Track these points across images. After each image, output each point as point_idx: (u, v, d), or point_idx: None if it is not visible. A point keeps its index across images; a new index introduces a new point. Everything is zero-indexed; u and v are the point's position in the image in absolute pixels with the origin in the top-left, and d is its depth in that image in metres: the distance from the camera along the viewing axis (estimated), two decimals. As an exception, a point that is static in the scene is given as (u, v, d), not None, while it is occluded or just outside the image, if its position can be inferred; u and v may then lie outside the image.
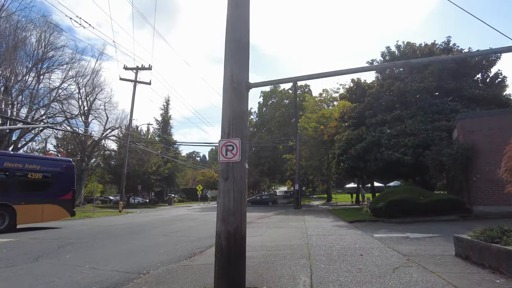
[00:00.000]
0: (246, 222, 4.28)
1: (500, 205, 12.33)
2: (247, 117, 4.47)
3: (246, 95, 4.51)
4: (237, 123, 4.27)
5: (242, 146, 4.20)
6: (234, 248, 4.00)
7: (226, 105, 4.37)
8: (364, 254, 6.54)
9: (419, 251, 6.75)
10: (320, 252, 6.98)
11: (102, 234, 11.87)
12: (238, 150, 4.15)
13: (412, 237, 8.82)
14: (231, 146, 4.18)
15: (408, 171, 20.23)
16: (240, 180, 4.16)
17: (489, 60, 19.86)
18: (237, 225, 4.04)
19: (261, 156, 49.76)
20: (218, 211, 4.18)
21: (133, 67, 34.98)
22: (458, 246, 5.96)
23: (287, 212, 23.54)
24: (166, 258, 7.32)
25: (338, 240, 8.75)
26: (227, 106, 4.35)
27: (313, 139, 32.36)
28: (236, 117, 4.29)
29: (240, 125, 4.29)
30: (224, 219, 4.05)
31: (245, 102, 4.45)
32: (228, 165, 4.19)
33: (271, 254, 7.16)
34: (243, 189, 4.19)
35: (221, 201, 4.15)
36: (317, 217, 17.26)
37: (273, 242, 8.98)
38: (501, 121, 12.90)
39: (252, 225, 14.37)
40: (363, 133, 20.09)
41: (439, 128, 16.30)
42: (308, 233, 10.57)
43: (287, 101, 52.20)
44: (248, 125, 4.49)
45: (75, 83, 37.27)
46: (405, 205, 12.76)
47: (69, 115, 36.83)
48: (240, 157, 4.14)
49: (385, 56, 22.71)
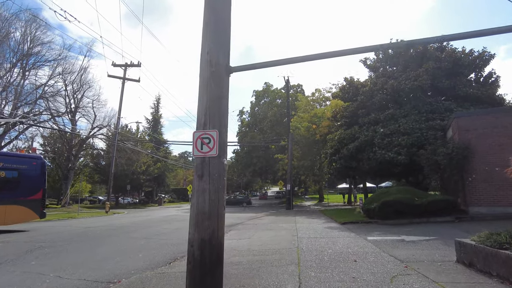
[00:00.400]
0: (224, 227, 3.69)
1: (496, 206, 11.97)
2: (227, 105, 3.88)
3: (226, 80, 3.93)
4: (214, 112, 3.69)
5: (220, 138, 3.63)
6: (209, 258, 3.41)
7: (202, 92, 3.79)
8: (358, 260, 6.02)
9: (417, 256, 6.25)
10: (311, 258, 6.43)
11: (80, 237, 11.15)
12: (216, 143, 3.57)
13: (408, 240, 8.34)
14: (207, 138, 3.60)
15: (401, 171, 19.84)
16: (218, 178, 3.58)
17: (483, 59, 19.58)
18: (212, 230, 3.46)
19: (253, 156, 49.18)
20: (191, 214, 3.59)
21: (121, 64, 34.09)
22: (460, 252, 5.47)
23: (278, 213, 23.01)
24: (143, 264, 6.70)
25: (330, 243, 8.22)
26: (203, 93, 3.77)
27: (305, 139, 31.89)
28: (214, 105, 3.71)
29: (219, 114, 3.71)
30: (198, 224, 3.46)
31: (225, 88, 3.87)
32: (204, 160, 3.61)
33: (257, 259, 6.59)
34: (221, 189, 3.61)
35: (194, 202, 3.56)
36: (309, 218, 16.75)
37: (261, 245, 8.41)
38: (497, 120, 12.56)
39: (241, 226, 13.80)
40: (356, 133, 19.65)
41: (433, 127, 15.92)
42: (298, 235, 10.03)
43: (280, 100, 51.68)
44: (228, 112, 3.88)
45: (62, 80, 36.21)
46: (399, 206, 12.31)
47: (55, 113, 35.78)
48: (217, 151, 3.56)
49: (378, 54, 22.32)
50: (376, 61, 22.46)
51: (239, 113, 59.06)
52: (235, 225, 14.40)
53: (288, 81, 33.38)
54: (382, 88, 19.98)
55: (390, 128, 17.51)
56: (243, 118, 57.10)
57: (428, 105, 17.73)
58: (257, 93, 54.82)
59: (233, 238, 10.29)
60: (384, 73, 21.08)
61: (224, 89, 3.85)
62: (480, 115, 12.88)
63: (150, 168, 46.48)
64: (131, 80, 34.04)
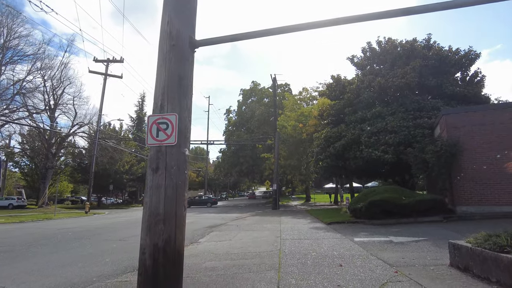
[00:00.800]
0: (184, 232, 3.07)
1: (484, 205, 11.72)
2: (190, 86, 3.27)
3: (191, 55, 3.32)
4: (174, 93, 3.08)
5: (181, 124, 3.02)
6: (163, 271, 2.79)
7: (160, 69, 3.17)
8: (343, 264, 5.49)
9: (407, 259, 5.77)
10: (293, 262, 5.87)
11: (47, 240, 10.31)
12: (175, 129, 2.96)
13: (397, 241, 7.89)
14: (164, 123, 2.99)
15: (388, 171, 19.62)
16: (177, 171, 2.97)
17: (469, 59, 19.52)
18: (168, 236, 2.84)
19: (240, 155, 48.56)
20: (143, 215, 2.97)
21: (103, 60, 32.97)
22: (454, 255, 5.00)
23: (264, 213, 22.47)
24: (109, 269, 6.02)
25: (315, 245, 7.69)
26: (161, 70, 3.15)
27: (292, 138, 31.48)
28: (174, 85, 3.10)
29: (179, 95, 3.10)
30: (150, 227, 2.84)
31: (188, 65, 3.26)
32: (160, 150, 2.99)
33: (235, 264, 6.00)
34: (180, 185, 2.99)
35: (147, 201, 2.94)
36: (294, 218, 16.25)
37: (242, 248, 7.82)
38: (485, 117, 12.33)
39: (224, 227, 13.18)
40: (343, 131, 19.29)
41: (421, 126, 15.65)
42: (282, 236, 9.49)
43: (267, 99, 51.19)
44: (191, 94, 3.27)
45: (41, 76, 34.71)
46: (386, 205, 11.92)
47: (33, 109, 34.27)
48: (176, 139, 2.95)
49: (365, 52, 22.01)
50: (363, 59, 22.14)
51: (226, 112, 58.38)
52: (217, 226, 13.77)
53: (275, 79, 32.90)
54: (369, 85, 19.68)
55: (377, 126, 17.19)
56: (230, 117, 56.41)
57: (415, 103, 17.48)
58: (244, 92, 54.21)
59: (213, 240, 9.67)
60: (371, 70, 20.77)
61: (187, 66, 3.24)
62: (469, 112, 12.62)
63: (134, 167, 45.25)
64: (113, 76, 32.97)
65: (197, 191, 69.52)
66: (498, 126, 11.88)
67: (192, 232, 11.90)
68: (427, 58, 19.07)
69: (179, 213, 2.93)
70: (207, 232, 11.68)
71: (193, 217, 20.32)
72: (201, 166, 76.05)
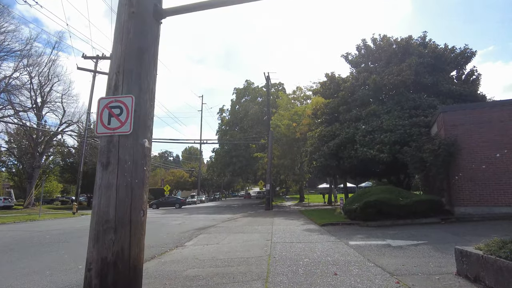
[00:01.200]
0: (143, 242, 2.48)
1: (483, 206, 11.29)
2: (154, 63, 2.68)
3: (156, 27, 2.73)
4: (132, 71, 2.49)
5: (139, 109, 2.43)
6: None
7: (117, 41, 2.58)
8: (339, 273, 4.94)
9: (408, 266, 5.24)
10: (283, 270, 5.31)
11: (19, 244, 9.60)
12: (130, 114, 2.37)
13: (395, 245, 7.37)
14: (117, 108, 2.40)
15: (383, 170, 19.15)
16: (133, 167, 2.38)
17: (465, 57, 19.18)
18: (121, 248, 2.25)
19: (233, 155, 47.84)
20: (91, 222, 2.38)
21: (92, 56, 32.05)
22: (462, 263, 4.48)
23: (256, 214, 21.88)
24: (78, 278, 5.36)
25: (307, 250, 7.14)
26: (118, 43, 2.57)
27: (285, 137, 30.94)
28: (132, 61, 2.51)
29: (139, 74, 2.51)
30: (98, 237, 2.25)
31: (151, 38, 2.67)
32: (111, 141, 2.40)
33: (219, 272, 5.41)
34: (137, 185, 2.40)
35: (96, 204, 2.34)
36: (287, 219, 15.70)
37: (229, 253, 7.23)
38: (483, 115, 11.90)
39: (213, 229, 12.58)
40: (337, 130, 18.80)
41: (417, 124, 15.21)
42: (273, 240, 8.92)
43: (261, 99, 50.60)
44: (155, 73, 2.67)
45: (27, 72, 33.70)
46: (382, 206, 11.43)
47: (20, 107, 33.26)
48: (132, 126, 2.37)
49: (360, 50, 21.55)
50: (358, 56, 21.68)
51: (219, 111, 57.66)
52: (207, 228, 13.16)
53: (268, 77, 32.35)
54: (364, 83, 19.22)
55: (372, 125, 16.73)
56: (223, 116, 55.71)
57: (411, 101, 17.05)
58: (237, 90, 53.54)
59: (200, 243, 9.07)
60: (366, 68, 20.31)
61: (150, 39, 2.65)
62: (467, 110, 12.18)
63: (125, 167, 44.27)
64: (103, 73, 32.02)
65: (190, 191, 68.69)
66: (497, 124, 11.46)
67: (179, 235, 11.29)
68: (423, 56, 18.66)
69: (135, 219, 2.34)
70: (195, 235, 11.07)
71: (182, 218, 19.67)
72: (194, 166, 75.24)
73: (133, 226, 2.32)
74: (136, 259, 2.33)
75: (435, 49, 19.29)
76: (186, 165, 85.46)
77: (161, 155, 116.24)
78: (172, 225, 15.10)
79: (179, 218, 19.94)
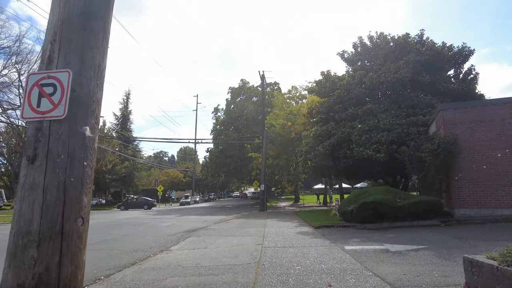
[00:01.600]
0: (81, 258, 1.93)
1: (484, 208, 10.88)
2: (105, 31, 2.14)
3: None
4: (71, 39, 1.94)
5: (80, 88, 1.90)
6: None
7: (54, 4, 2.02)
8: (333, 284, 4.43)
9: (410, 276, 4.74)
10: (272, 280, 4.78)
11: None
12: (65, 94, 1.84)
13: (393, 250, 6.88)
14: (50, 85, 1.86)
15: (379, 171, 18.73)
16: (68, 162, 1.84)
17: (462, 55, 18.84)
18: (45, 268, 1.71)
19: (227, 155, 47.28)
20: (10, 233, 1.82)
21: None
22: (472, 274, 3.99)
23: (250, 215, 21.34)
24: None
25: (300, 255, 6.62)
26: (55, 6, 2.00)
27: (280, 137, 30.49)
28: (73, 26, 1.98)
29: (82, 44, 1.98)
30: (16, 253, 1.69)
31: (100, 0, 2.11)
32: (41, 128, 1.85)
33: (201, 282, 4.87)
34: (74, 184, 1.86)
35: (17, 209, 1.78)
36: (281, 221, 15.18)
37: (215, 259, 6.69)
38: (484, 113, 11.49)
39: (202, 232, 12.02)
40: (332, 129, 18.35)
41: (415, 123, 14.81)
42: (264, 244, 8.39)
43: (256, 98, 50.14)
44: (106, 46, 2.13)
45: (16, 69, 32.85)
46: (380, 208, 10.95)
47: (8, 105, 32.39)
48: (66, 109, 1.82)
49: (356, 47, 21.15)
50: (354, 54, 21.28)
51: (214, 110, 57.09)
52: (197, 230, 12.59)
53: (263, 76, 31.82)
54: (360, 81, 18.79)
55: (369, 124, 16.30)
56: (218, 116, 55.13)
57: (408, 100, 16.65)
58: (232, 90, 53.02)
59: (187, 247, 8.51)
60: (362, 66, 19.92)
61: (99, 2, 2.10)
62: (467, 108, 11.77)
63: (117, 167, 43.61)
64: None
65: (185, 191, 67.96)
66: (498, 123, 11.06)
67: (166, 238, 10.72)
68: (421, 54, 18.29)
69: (69, 229, 1.78)
70: (183, 238, 10.51)
71: (173, 219, 19.08)
72: (189, 166, 74.49)
73: (66, 238, 1.77)
74: (70, 281, 1.78)
75: (433, 47, 18.92)
76: (182, 165, 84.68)
77: (156, 155, 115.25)
78: (160, 227, 14.53)
79: (170, 219, 19.35)
